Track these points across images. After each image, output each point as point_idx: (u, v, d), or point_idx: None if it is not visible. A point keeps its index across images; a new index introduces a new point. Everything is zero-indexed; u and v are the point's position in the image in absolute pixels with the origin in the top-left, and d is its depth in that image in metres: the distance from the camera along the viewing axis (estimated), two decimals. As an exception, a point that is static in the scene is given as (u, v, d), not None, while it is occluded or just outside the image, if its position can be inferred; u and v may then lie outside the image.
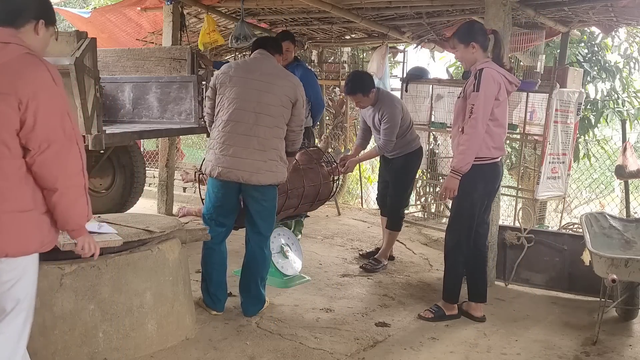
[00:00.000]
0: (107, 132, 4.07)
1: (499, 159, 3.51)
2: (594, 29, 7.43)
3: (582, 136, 7.81)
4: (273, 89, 3.29)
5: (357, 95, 4.40)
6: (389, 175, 4.68)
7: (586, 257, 3.88)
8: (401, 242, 5.43)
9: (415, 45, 7.46)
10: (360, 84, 4.41)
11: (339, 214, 6.74)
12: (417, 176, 4.90)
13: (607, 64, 8.00)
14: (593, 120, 7.92)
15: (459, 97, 3.56)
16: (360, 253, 5.03)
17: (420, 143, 4.71)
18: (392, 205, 4.67)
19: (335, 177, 4.55)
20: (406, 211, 6.72)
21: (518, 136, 5.93)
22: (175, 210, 6.16)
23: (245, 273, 3.48)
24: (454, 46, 3.53)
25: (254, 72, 3.32)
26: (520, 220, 5.98)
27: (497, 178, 3.60)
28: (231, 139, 3.25)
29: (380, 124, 4.43)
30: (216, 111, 3.36)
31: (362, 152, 4.95)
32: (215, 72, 3.43)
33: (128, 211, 5.58)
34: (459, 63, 8.96)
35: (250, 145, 3.24)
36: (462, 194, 3.46)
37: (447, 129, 6.31)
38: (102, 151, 5.25)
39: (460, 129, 3.45)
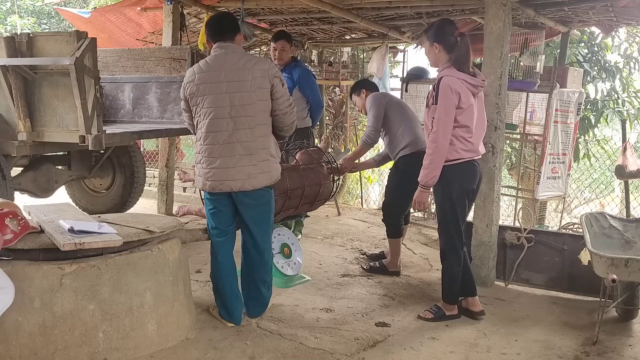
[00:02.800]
0: (107, 132, 4.08)
1: (473, 159, 3.47)
2: (594, 29, 7.43)
3: (582, 136, 7.81)
4: (243, 87, 3.10)
5: (352, 97, 4.72)
6: None
7: (584, 257, 3.89)
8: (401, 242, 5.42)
9: (415, 45, 7.46)
10: (353, 86, 4.76)
11: (339, 214, 6.74)
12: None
13: (607, 64, 8.00)
14: (593, 120, 7.92)
15: (427, 106, 3.49)
16: (367, 255, 4.94)
17: (419, 148, 4.20)
18: (382, 209, 4.56)
19: (336, 177, 4.55)
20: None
21: (518, 136, 5.93)
22: (175, 210, 6.15)
23: (244, 276, 3.40)
24: (421, 42, 3.53)
25: (218, 74, 3.12)
26: (520, 220, 5.97)
27: (473, 177, 3.52)
28: (214, 150, 3.13)
29: None
30: (195, 122, 3.23)
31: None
32: (184, 80, 3.24)
33: (128, 211, 5.58)
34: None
35: (235, 153, 3.11)
36: (441, 197, 3.49)
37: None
38: (102, 151, 5.28)
39: (427, 136, 3.45)
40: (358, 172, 8.13)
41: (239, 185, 3.15)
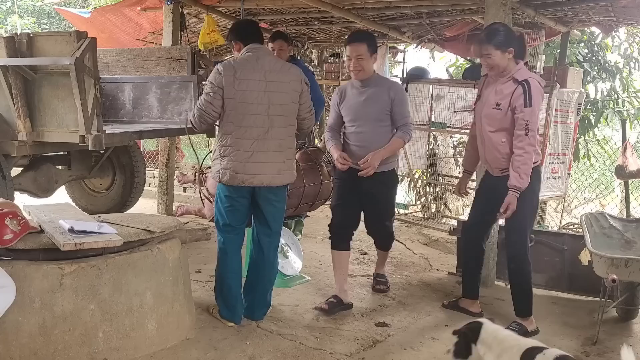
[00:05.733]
0: (107, 132, 4.07)
1: None
2: (594, 29, 7.43)
3: (582, 136, 7.81)
4: (281, 87, 3.21)
5: (362, 46, 3.51)
6: (366, 197, 3.71)
7: (584, 257, 3.89)
8: (401, 242, 5.43)
9: (415, 45, 7.47)
10: (370, 36, 3.71)
11: (339, 214, 6.72)
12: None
13: (607, 64, 8.00)
14: (593, 120, 7.92)
15: (495, 107, 3.29)
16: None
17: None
18: (385, 223, 3.94)
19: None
20: (406, 211, 6.75)
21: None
22: (174, 209, 6.15)
23: (252, 277, 3.40)
24: (486, 52, 3.25)
25: (258, 72, 3.17)
26: (520, 220, 5.96)
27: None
28: (248, 144, 3.14)
29: (392, 106, 3.58)
30: (224, 115, 3.17)
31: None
32: (217, 69, 3.14)
33: (128, 211, 5.58)
34: (459, 63, 8.97)
35: (269, 149, 3.18)
36: (526, 202, 3.33)
37: (447, 129, 6.32)
38: (102, 151, 5.28)
39: (504, 140, 3.32)
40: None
41: (268, 180, 3.20)
